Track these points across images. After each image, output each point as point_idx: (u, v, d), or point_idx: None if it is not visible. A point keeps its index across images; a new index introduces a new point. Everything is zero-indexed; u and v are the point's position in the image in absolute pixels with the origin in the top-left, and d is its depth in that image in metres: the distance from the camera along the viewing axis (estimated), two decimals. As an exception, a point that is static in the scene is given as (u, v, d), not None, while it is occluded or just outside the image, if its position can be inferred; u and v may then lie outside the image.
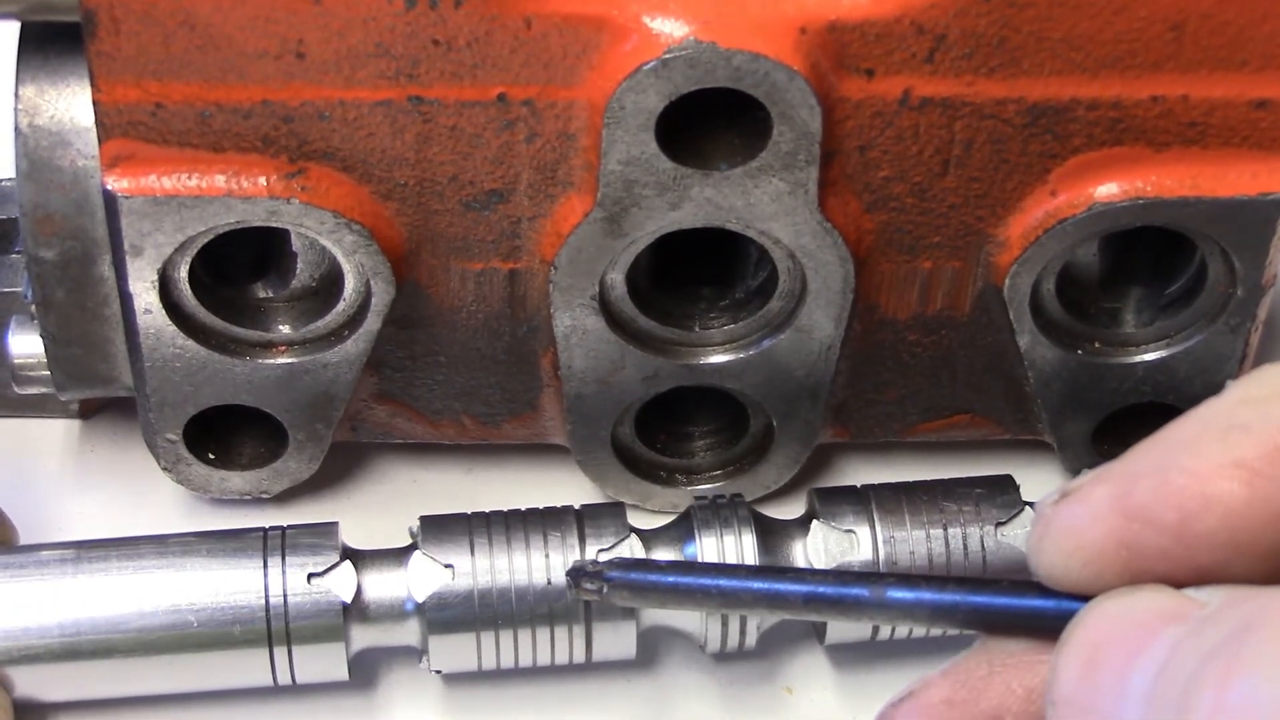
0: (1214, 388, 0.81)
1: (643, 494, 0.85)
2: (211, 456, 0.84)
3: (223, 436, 0.84)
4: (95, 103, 0.71)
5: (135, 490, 0.86)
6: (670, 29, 0.69)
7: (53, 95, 0.74)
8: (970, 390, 0.84)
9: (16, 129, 0.74)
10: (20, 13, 0.72)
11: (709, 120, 0.72)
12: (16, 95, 0.74)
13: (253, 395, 0.80)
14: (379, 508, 0.86)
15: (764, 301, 0.79)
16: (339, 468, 0.87)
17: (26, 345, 0.81)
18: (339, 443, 0.84)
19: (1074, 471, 0.85)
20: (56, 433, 0.89)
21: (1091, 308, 0.81)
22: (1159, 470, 0.55)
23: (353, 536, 0.78)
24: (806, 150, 0.72)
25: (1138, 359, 0.81)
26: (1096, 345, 0.81)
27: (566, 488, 0.85)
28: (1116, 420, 0.84)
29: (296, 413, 0.81)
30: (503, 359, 0.81)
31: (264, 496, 0.85)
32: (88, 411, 0.89)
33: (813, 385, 0.81)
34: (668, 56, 0.69)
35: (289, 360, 0.79)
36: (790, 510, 0.82)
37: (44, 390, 0.82)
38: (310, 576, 0.76)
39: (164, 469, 0.83)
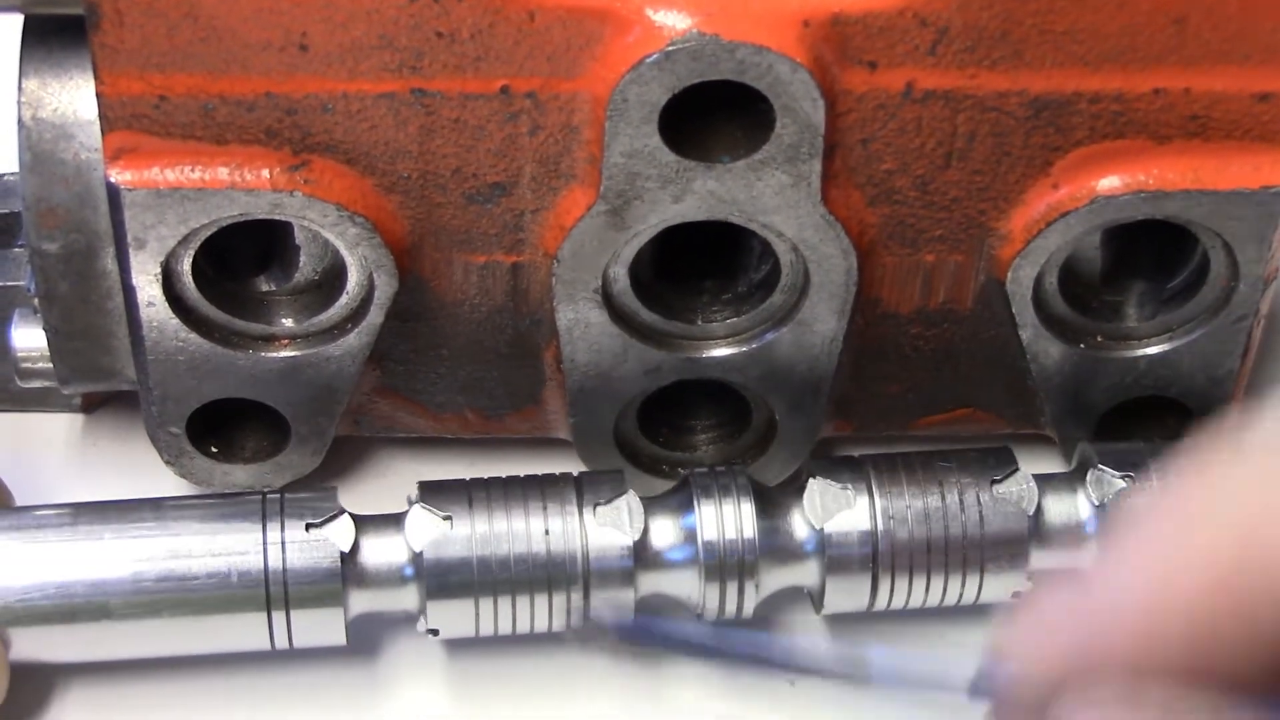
0: (1216, 381, 0.82)
1: (645, 488, 0.85)
2: (214, 450, 0.84)
3: (226, 430, 0.84)
4: (98, 95, 0.71)
5: (138, 484, 0.86)
6: (673, 21, 0.69)
7: (56, 88, 0.74)
8: (972, 384, 0.84)
9: (20, 122, 0.74)
10: (24, 5, 0.72)
11: (712, 113, 0.72)
12: (20, 88, 0.74)
13: (256, 389, 0.80)
14: (381, 502, 0.86)
15: (767, 295, 0.79)
16: (342, 461, 0.87)
17: (29, 339, 0.81)
18: (341, 436, 0.84)
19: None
20: (59, 427, 0.89)
21: (1094, 301, 0.81)
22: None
23: (355, 530, 0.79)
24: (809, 143, 0.72)
25: (1140, 353, 0.81)
26: (1099, 339, 0.82)
27: (569, 481, 0.85)
28: (1118, 414, 0.84)
29: (299, 406, 0.81)
30: (505, 352, 0.81)
31: (266, 490, 0.85)
32: (90, 405, 0.89)
33: (815, 379, 0.81)
34: (671, 49, 0.69)
35: (292, 354, 0.79)
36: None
37: (47, 384, 0.82)
38: (309, 526, 0.76)
39: (167, 462, 0.83)
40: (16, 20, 0.74)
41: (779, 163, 0.73)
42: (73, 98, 0.74)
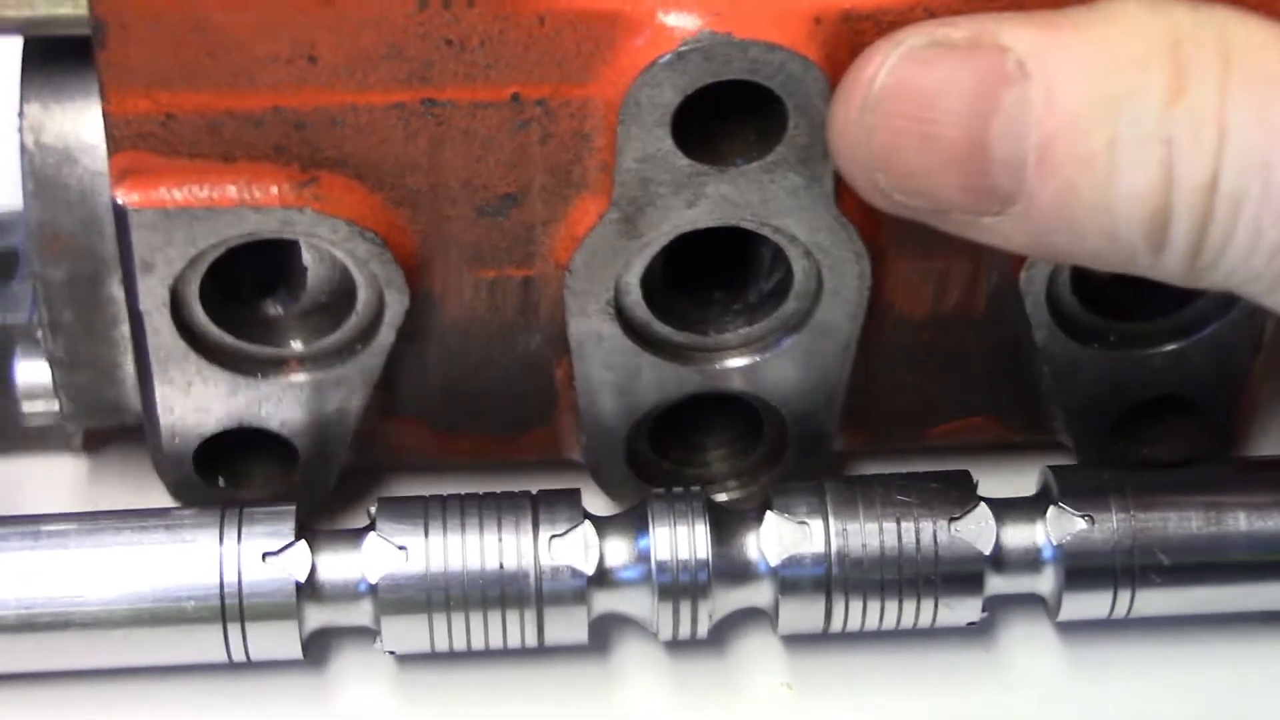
0: (1229, 376, 0.82)
1: (654, 502, 0.85)
2: (222, 483, 0.83)
3: (233, 461, 0.83)
4: (105, 114, 0.70)
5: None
6: (684, 22, 0.69)
7: (58, 112, 0.74)
8: (986, 391, 0.84)
9: (22, 147, 0.73)
10: (24, 28, 0.71)
11: (723, 117, 0.72)
12: (21, 113, 0.74)
13: (264, 416, 0.79)
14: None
15: (779, 302, 0.78)
16: (352, 489, 0.86)
17: (33, 374, 0.80)
18: (352, 467, 0.83)
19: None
20: (62, 470, 0.88)
21: (1107, 300, 0.81)
22: None
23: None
24: (822, 143, 0.72)
25: (1153, 350, 0.81)
26: (1112, 338, 0.81)
27: (563, 480, 0.84)
28: (1133, 416, 0.84)
29: (308, 434, 0.80)
30: (516, 371, 0.80)
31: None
32: (92, 445, 0.88)
33: (829, 387, 0.80)
34: (683, 50, 0.69)
35: (301, 378, 0.78)
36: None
37: (50, 422, 0.81)
38: (265, 555, 0.76)
39: (174, 495, 0.82)
40: (16, 43, 0.73)
41: (792, 164, 0.72)
42: (75, 121, 0.74)
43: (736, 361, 0.79)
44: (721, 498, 0.84)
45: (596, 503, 0.84)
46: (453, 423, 0.82)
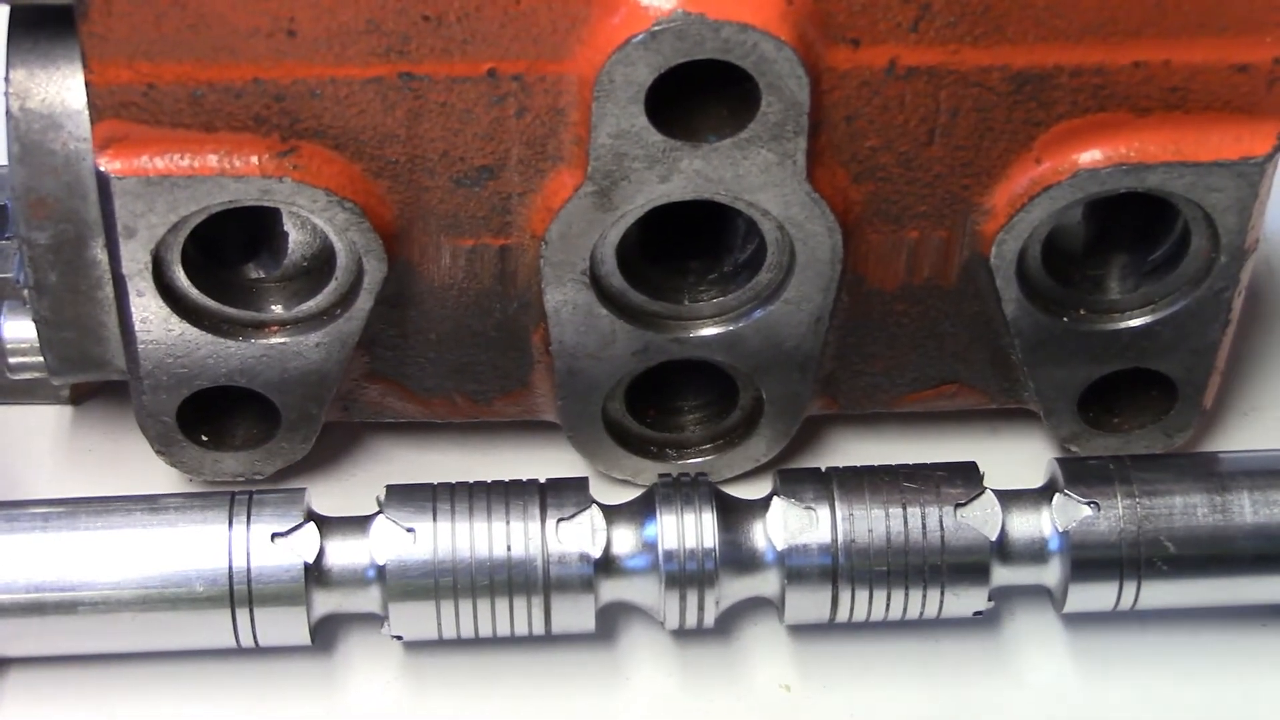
0: (1197, 353, 0.83)
1: (633, 469, 0.86)
2: (204, 438, 0.84)
3: (215, 418, 0.84)
4: (87, 84, 0.71)
5: (128, 475, 0.86)
6: (659, 2, 0.70)
7: (43, 78, 0.75)
8: (957, 360, 0.85)
9: (8, 113, 0.74)
10: (10, -4, 0.73)
11: (697, 93, 0.73)
12: (7, 79, 0.74)
13: (246, 376, 0.80)
14: (373, 489, 0.86)
15: (753, 274, 0.79)
16: (333, 449, 0.87)
17: (19, 330, 0.81)
18: (332, 423, 0.84)
19: (1061, 438, 0.86)
20: (47, 419, 0.89)
21: (1076, 275, 0.82)
22: None
23: (346, 517, 0.79)
24: (794, 121, 0.73)
25: (1122, 325, 0.82)
26: (1082, 312, 0.82)
27: (563, 465, 0.86)
28: (1102, 386, 0.85)
29: (289, 393, 0.81)
30: (493, 336, 0.82)
31: (257, 478, 0.85)
32: (79, 397, 0.90)
33: (802, 357, 0.81)
34: (656, 29, 0.70)
35: (281, 340, 0.79)
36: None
37: (36, 375, 0.82)
38: (274, 536, 0.77)
39: (158, 452, 0.83)
40: (2, 12, 0.74)
41: (764, 141, 0.73)
42: (60, 88, 0.75)
43: (710, 330, 0.80)
44: (696, 461, 0.86)
45: (577, 468, 0.86)
46: (431, 384, 0.84)
